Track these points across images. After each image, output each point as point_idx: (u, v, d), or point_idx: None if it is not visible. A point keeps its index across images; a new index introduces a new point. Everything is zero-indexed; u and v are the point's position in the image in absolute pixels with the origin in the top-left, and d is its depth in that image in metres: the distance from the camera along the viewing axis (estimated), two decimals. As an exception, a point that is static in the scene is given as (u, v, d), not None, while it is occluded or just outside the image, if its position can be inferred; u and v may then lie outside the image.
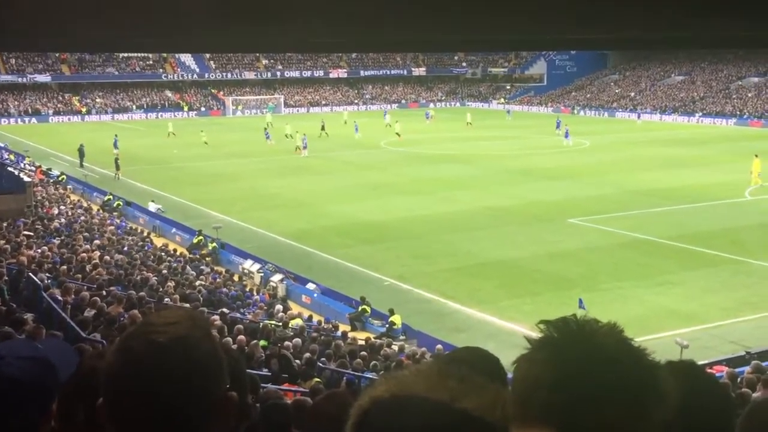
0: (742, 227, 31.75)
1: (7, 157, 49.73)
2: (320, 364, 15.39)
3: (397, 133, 64.85)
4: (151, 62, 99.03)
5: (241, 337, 15.82)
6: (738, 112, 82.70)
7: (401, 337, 21.03)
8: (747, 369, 14.69)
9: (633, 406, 1.23)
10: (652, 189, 40.14)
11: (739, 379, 13.20)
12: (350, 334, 20.39)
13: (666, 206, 36.08)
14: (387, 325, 21.66)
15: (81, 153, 51.05)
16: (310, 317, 22.33)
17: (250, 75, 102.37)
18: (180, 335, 1.46)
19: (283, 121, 72.41)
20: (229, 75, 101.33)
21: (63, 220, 30.43)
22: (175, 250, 28.70)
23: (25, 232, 25.40)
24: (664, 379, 1.30)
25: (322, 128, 66.27)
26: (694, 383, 2.09)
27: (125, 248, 26.78)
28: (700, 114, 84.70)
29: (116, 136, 57.73)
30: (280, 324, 19.50)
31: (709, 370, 11.98)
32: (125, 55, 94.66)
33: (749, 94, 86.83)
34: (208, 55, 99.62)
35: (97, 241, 26.50)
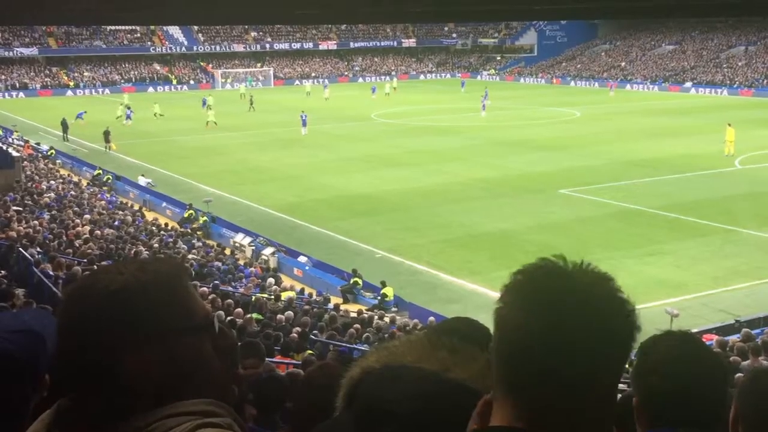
0: (731, 196, 31.86)
1: (-6, 132, 49.42)
2: (312, 337, 15.45)
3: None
4: (138, 35, 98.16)
5: (238, 310, 15.88)
6: (728, 81, 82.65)
7: (393, 309, 21.12)
8: (735, 337, 14.83)
9: (619, 354, 1.24)
10: (643, 159, 40.19)
11: (728, 347, 13.32)
12: (342, 307, 20.46)
13: (656, 176, 36.15)
14: (379, 297, 21.72)
15: (64, 126, 50.84)
16: (302, 290, 22.40)
17: (239, 47, 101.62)
18: (124, 282, 1.42)
19: (266, 94, 72.09)
20: (218, 48, 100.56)
21: (53, 194, 30.32)
22: (166, 224, 28.66)
23: (15, 208, 25.31)
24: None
25: (251, 103, 65.98)
26: (688, 352, 2.12)
27: (116, 223, 26.73)
28: (691, 83, 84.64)
29: (84, 111, 57.98)
30: (272, 297, 19.54)
31: (696, 335, 12.08)
32: (112, 28, 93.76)
33: (739, 63, 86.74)
34: (196, 28, 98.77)
35: (87, 216, 26.44)
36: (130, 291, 1.43)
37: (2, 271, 14.41)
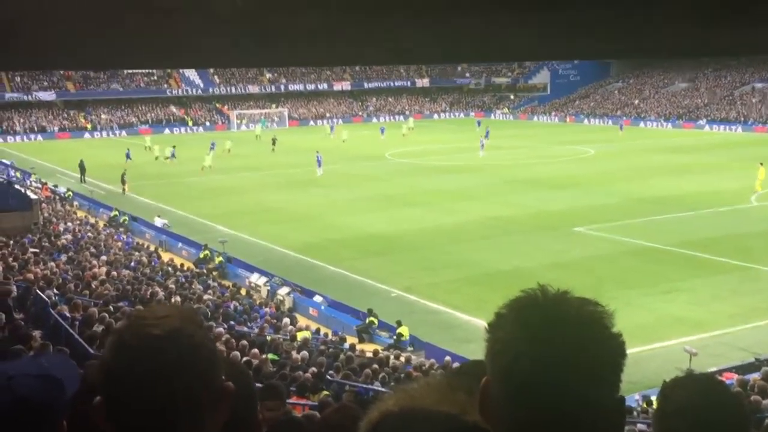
0: (748, 234, 31.66)
1: (13, 174, 49.90)
2: (328, 377, 15.37)
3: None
4: (155, 78, 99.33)
5: (255, 350, 15.84)
6: (743, 118, 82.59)
7: (409, 349, 21.00)
8: (756, 375, 14.65)
9: (590, 373, 1.25)
10: (658, 196, 40.07)
11: (748, 386, 13.16)
12: (358, 347, 20.35)
13: (672, 213, 36.00)
14: (395, 337, 21.63)
15: (82, 168, 51.47)
16: (318, 330, 22.31)
17: (254, 89, 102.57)
18: (174, 327, 1.45)
19: (282, 135, 72.53)
20: (233, 89, 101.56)
21: (69, 236, 30.49)
22: (182, 265, 28.73)
23: (32, 250, 25.45)
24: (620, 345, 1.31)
25: (273, 143, 66.50)
26: (712, 397, 2.11)
27: (132, 264, 26.82)
28: (705, 120, 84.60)
29: (128, 149, 58.88)
30: (288, 337, 19.49)
31: (719, 378, 11.96)
32: (129, 71, 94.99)
33: (753, 100, 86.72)
34: (212, 70, 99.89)
35: (104, 257, 26.55)
36: (209, 338, 1.50)
37: (20, 314, 14.46)
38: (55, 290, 18.81)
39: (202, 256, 30.31)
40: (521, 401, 1.24)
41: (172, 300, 21.41)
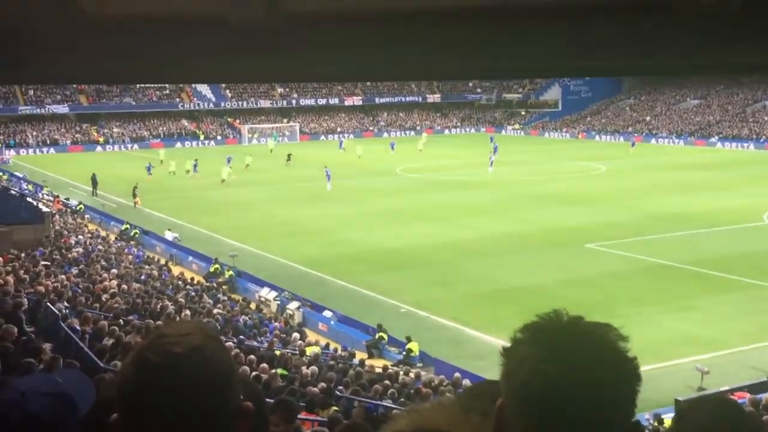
0: (761, 251, 31.47)
1: (25, 187, 50.18)
2: (338, 393, 15.32)
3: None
4: (167, 92, 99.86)
5: (264, 365, 15.81)
6: (755, 136, 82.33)
7: (419, 365, 20.94)
8: (769, 395, 14.52)
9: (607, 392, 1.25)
10: (670, 213, 39.93)
11: (761, 405, 13.05)
12: (367, 362, 20.30)
13: (684, 231, 35.86)
14: (404, 353, 21.56)
15: (94, 182, 51.75)
16: (327, 345, 22.28)
17: (265, 103, 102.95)
18: (195, 345, 1.44)
19: (294, 149, 72.78)
20: (245, 104, 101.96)
21: (80, 249, 30.56)
22: (192, 279, 28.76)
23: (43, 263, 25.52)
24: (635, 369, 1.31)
25: (288, 158, 66.56)
26: (727, 420, 2.08)
27: (143, 277, 26.87)
28: (717, 138, 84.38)
29: (150, 164, 59.01)
30: (297, 352, 19.46)
31: (731, 397, 11.88)
32: (142, 85, 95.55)
33: (766, 118, 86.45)
34: (224, 85, 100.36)
35: (114, 270, 26.60)
36: (229, 356, 1.50)
37: (31, 327, 14.49)
38: (65, 303, 18.84)
39: (212, 269, 30.35)
40: (536, 423, 1.23)
41: (182, 314, 21.43)
